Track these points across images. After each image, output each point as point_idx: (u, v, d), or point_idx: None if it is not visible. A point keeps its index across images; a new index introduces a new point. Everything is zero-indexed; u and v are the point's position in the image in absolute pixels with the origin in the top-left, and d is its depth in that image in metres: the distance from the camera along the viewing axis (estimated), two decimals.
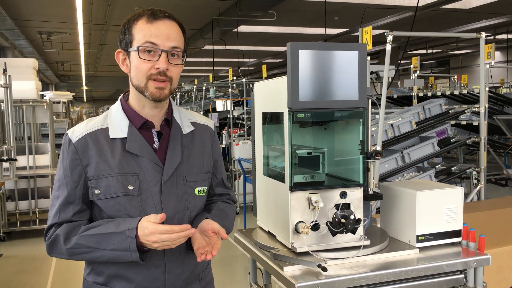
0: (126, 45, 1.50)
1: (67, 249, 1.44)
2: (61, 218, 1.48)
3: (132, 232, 1.39)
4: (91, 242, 1.43)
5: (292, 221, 1.75)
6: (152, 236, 1.36)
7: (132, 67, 1.50)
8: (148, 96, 1.47)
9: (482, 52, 4.37)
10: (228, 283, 4.83)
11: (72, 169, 1.48)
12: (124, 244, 1.40)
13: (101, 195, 1.47)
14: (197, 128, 1.63)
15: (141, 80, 1.47)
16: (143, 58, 1.45)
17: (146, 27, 1.46)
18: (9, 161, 5.82)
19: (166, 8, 1.52)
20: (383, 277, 1.67)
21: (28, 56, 16.96)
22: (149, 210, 1.47)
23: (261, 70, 8.77)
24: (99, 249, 1.42)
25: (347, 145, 1.91)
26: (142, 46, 1.44)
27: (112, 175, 1.46)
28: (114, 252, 1.41)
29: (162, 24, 1.46)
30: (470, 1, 11.15)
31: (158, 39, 1.44)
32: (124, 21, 1.51)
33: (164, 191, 1.50)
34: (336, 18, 12.47)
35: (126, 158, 1.48)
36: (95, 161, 1.47)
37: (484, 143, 4.49)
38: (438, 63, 23.49)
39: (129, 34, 1.48)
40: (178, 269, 1.55)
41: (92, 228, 1.45)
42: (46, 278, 4.95)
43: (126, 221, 1.43)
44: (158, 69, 1.44)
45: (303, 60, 1.69)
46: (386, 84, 3.98)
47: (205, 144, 1.64)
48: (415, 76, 8.23)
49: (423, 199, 1.86)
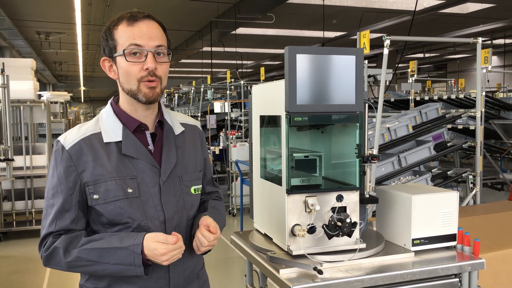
0: (111, 51, 1.49)
1: (67, 262, 1.43)
2: (58, 226, 1.46)
3: (137, 247, 1.40)
4: (93, 255, 1.42)
5: (289, 224, 1.76)
6: (163, 256, 1.39)
7: (120, 72, 1.49)
8: (142, 98, 1.47)
9: (478, 57, 4.40)
10: (224, 285, 4.83)
11: (67, 176, 1.46)
12: (129, 259, 1.40)
13: (100, 200, 1.46)
14: (187, 129, 1.66)
15: (132, 84, 1.47)
16: (131, 61, 1.45)
17: (128, 29, 1.45)
18: (6, 161, 5.81)
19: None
20: (378, 280, 1.69)
21: (26, 56, 16.95)
22: (150, 212, 1.48)
23: (259, 72, 8.79)
24: (101, 263, 1.42)
25: (344, 148, 1.92)
26: (127, 49, 1.44)
27: (111, 179, 1.45)
28: (117, 266, 1.41)
29: (143, 24, 1.46)
30: (468, 6, 11.20)
31: (142, 39, 1.44)
32: (104, 28, 1.51)
33: (163, 192, 1.51)
34: (335, 21, 12.50)
35: (123, 161, 1.48)
36: (91, 166, 1.45)
37: (480, 148, 4.51)
38: (435, 67, 23.56)
39: (111, 40, 1.47)
40: (181, 267, 1.56)
41: (94, 242, 1.44)
42: (42, 279, 4.94)
43: (130, 235, 1.44)
44: (147, 69, 1.45)
45: (300, 64, 1.70)
46: (383, 88, 4.00)
47: (195, 144, 1.67)
48: (412, 80, 8.26)
49: (418, 203, 1.88)
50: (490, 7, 11.13)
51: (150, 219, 1.48)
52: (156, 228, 1.49)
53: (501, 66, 18.07)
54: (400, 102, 8.94)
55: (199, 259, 1.68)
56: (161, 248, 1.39)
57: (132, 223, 1.47)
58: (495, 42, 15.64)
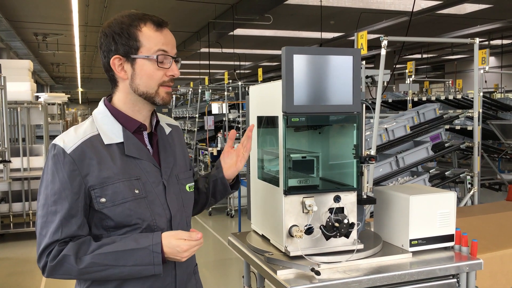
0: (128, 51, 1.45)
1: (80, 269, 1.38)
2: (65, 234, 1.40)
3: (157, 247, 1.41)
4: (108, 259, 1.39)
5: (286, 225, 1.75)
6: (186, 252, 1.42)
7: (140, 74, 1.47)
8: (159, 101, 1.51)
9: (476, 58, 4.40)
10: (222, 286, 4.83)
11: (72, 181, 1.41)
12: (148, 259, 1.40)
13: (108, 203, 1.42)
14: (173, 129, 1.70)
15: (152, 87, 1.49)
16: (161, 67, 1.48)
17: (156, 35, 1.47)
18: (3, 163, 5.79)
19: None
20: (376, 281, 1.68)
21: (23, 58, 16.90)
22: (158, 211, 1.49)
23: (257, 73, 8.79)
24: (117, 266, 1.39)
25: (341, 149, 1.92)
26: (159, 55, 1.47)
27: (118, 181, 1.43)
28: (134, 268, 1.40)
29: (168, 33, 1.51)
30: (465, 6, 11.22)
31: (168, 47, 1.49)
32: (118, 25, 1.45)
33: (168, 190, 1.54)
34: (332, 22, 12.51)
35: (127, 163, 1.47)
36: (97, 169, 1.42)
37: (478, 148, 4.51)
38: (433, 67, 23.59)
39: (133, 40, 1.45)
40: (184, 263, 1.58)
41: (106, 246, 1.40)
42: (39, 281, 4.93)
43: (144, 236, 1.43)
44: (171, 76, 1.50)
45: (297, 65, 1.70)
46: (381, 89, 4.00)
47: (182, 143, 1.72)
48: (410, 80, 8.26)
49: (416, 203, 1.87)
50: (488, 8, 11.16)
51: (158, 218, 1.49)
52: (164, 226, 1.50)
53: (498, 67, 18.11)
54: (398, 102, 8.94)
55: (194, 255, 1.69)
56: (184, 244, 1.42)
57: (142, 224, 1.46)
58: (492, 42, 15.69)
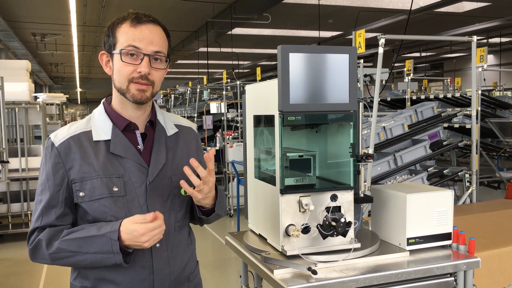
0: (110, 48, 1.50)
1: (49, 254, 1.44)
2: (44, 222, 1.47)
3: (114, 234, 1.39)
4: (73, 246, 1.42)
5: (283, 224, 1.74)
6: (144, 236, 1.37)
7: (114, 69, 1.50)
8: (130, 98, 1.48)
9: (473, 56, 4.40)
10: (220, 286, 4.82)
11: (55, 173, 1.47)
12: (107, 247, 1.40)
13: (85, 198, 1.46)
14: (181, 130, 1.65)
15: (122, 83, 1.48)
16: (125, 61, 1.46)
17: (130, 30, 1.47)
18: (1, 163, 5.79)
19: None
20: (373, 280, 1.67)
21: (21, 58, 16.87)
22: (134, 211, 1.47)
23: (255, 72, 8.78)
24: (81, 253, 1.42)
25: (338, 148, 1.91)
26: (124, 49, 1.45)
27: (96, 177, 1.46)
28: (96, 255, 1.41)
29: (146, 28, 1.47)
30: (464, 4, 11.23)
31: (141, 43, 1.45)
32: (109, 23, 1.53)
33: (149, 192, 1.50)
34: (331, 21, 12.51)
35: (110, 160, 1.48)
36: (79, 164, 1.46)
37: (476, 146, 4.51)
38: (431, 66, 23.60)
39: (112, 36, 1.49)
40: (166, 270, 1.54)
41: (74, 232, 1.45)
42: (37, 281, 4.92)
43: (108, 224, 1.43)
44: (140, 72, 1.45)
45: (293, 63, 1.70)
46: (379, 87, 3.99)
47: (189, 145, 1.66)
48: (408, 79, 8.27)
49: (413, 202, 1.87)
50: (486, 6, 11.17)
51: None
52: None
53: (497, 65, 18.12)
54: (396, 101, 8.94)
55: (190, 262, 1.65)
56: (140, 228, 1.37)
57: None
58: (491, 41, 15.69)
